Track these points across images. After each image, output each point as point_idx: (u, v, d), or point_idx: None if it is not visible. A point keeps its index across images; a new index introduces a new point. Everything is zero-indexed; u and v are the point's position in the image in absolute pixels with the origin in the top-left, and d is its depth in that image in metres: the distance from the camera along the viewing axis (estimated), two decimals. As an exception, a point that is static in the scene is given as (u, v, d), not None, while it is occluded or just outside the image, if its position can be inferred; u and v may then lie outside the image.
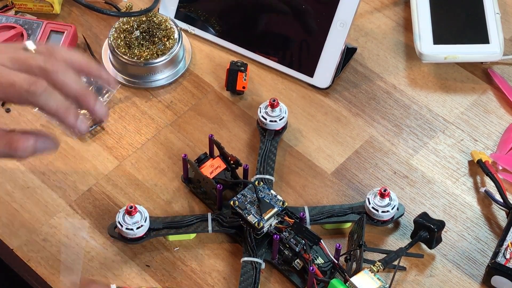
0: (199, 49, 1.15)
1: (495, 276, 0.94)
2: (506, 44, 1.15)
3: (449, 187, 1.03)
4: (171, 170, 1.03)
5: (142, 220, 0.95)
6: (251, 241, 0.94)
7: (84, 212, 0.99)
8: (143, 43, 1.09)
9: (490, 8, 1.15)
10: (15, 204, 1.00)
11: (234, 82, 1.09)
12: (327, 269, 0.94)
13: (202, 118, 1.08)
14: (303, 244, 0.93)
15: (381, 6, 1.20)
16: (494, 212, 1.01)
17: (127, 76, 1.10)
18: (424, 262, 0.97)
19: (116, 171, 1.03)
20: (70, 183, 1.02)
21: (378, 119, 1.09)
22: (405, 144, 1.07)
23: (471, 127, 1.09)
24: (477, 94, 1.12)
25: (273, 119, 1.04)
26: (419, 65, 1.14)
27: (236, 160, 0.99)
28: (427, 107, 1.10)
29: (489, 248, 0.98)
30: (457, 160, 1.06)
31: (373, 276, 0.89)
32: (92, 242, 0.97)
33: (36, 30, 1.11)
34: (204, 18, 1.15)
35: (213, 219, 0.97)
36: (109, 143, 1.05)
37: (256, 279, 0.93)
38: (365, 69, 1.14)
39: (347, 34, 1.09)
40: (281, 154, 1.05)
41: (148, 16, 1.11)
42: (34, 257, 0.96)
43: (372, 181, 1.04)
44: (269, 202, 0.95)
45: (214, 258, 0.97)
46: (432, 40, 1.12)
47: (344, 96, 1.11)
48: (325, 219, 0.98)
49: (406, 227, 1.00)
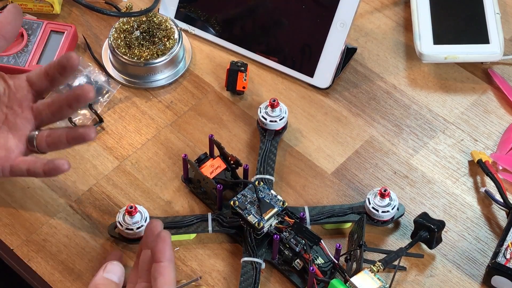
0: (199, 49, 1.15)
1: (495, 276, 0.94)
2: (506, 44, 1.15)
3: (449, 187, 1.03)
4: (171, 170, 1.03)
5: (142, 220, 0.95)
6: (251, 241, 0.94)
7: (84, 212, 0.99)
8: (143, 43, 1.09)
9: (490, 8, 1.15)
10: (15, 204, 1.00)
11: (234, 82, 1.09)
12: (327, 269, 0.94)
13: (202, 118, 1.08)
14: (303, 244, 0.93)
15: (381, 6, 1.20)
16: (494, 212, 1.01)
17: (127, 76, 1.10)
18: (424, 262, 0.97)
19: (116, 171, 1.03)
20: (70, 183, 1.02)
21: (378, 119, 1.09)
22: (405, 144, 1.07)
23: (471, 127, 1.09)
24: (477, 94, 1.12)
25: (273, 119, 1.04)
26: (419, 65, 1.14)
27: (236, 160, 0.99)
28: (427, 107, 1.10)
29: (489, 248, 0.98)
30: (457, 160, 1.06)
31: (373, 276, 0.89)
32: (92, 242, 0.97)
33: (36, 30, 1.11)
34: (204, 18, 1.15)
35: (213, 219, 0.97)
36: (109, 143, 1.05)
37: (256, 279, 0.93)
38: (365, 69, 1.14)
39: (347, 34, 1.09)
40: (281, 154, 1.05)
41: (148, 16, 1.11)
42: (34, 257, 0.96)
43: (372, 181, 1.04)
44: (269, 202, 0.95)
45: (214, 258, 0.97)
46: (432, 40, 1.12)
47: (344, 96, 1.11)
48: (325, 219, 0.98)
49: (406, 227, 1.00)
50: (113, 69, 1.11)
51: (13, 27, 0.91)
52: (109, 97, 1.09)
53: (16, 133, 0.91)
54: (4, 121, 0.91)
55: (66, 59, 0.89)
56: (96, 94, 1.08)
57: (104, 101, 1.08)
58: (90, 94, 0.87)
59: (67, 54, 0.89)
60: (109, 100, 1.09)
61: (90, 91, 0.87)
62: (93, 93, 0.87)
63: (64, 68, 0.89)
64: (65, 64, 0.89)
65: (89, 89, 0.87)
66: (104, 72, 1.11)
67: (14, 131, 0.91)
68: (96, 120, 1.07)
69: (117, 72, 1.11)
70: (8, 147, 0.90)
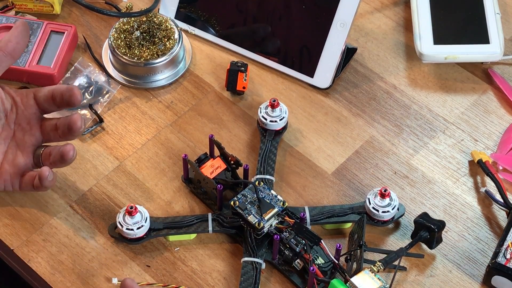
0: (199, 49, 1.15)
1: (495, 276, 0.94)
2: (506, 44, 1.15)
3: (450, 187, 1.03)
4: (172, 170, 1.03)
5: (142, 221, 0.95)
6: (251, 241, 0.94)
7: (84, 212, 0.99)
8: (143, 44, 1.09)
9: (490, 8, 1.15)
10: (15, 204, 1.00)
11: (234, 82, 1.09)
12: (327, 269, 0.94)
13: (202, 118, 1.08)
14: (303, 244, 0.93)
15: (381, 6, 1.20)
16: (495, 212, 1.01)
17: (127, 76, 1.10)
18: (425, 262, 0.97)
19: (117, 171, 1.03)
20: (71, 183, 1.02)
21: (379, 119, 1.09)
22: (406, 144, 1.07)
23: (472, 127, 1.09)
24: (477, 94, 1.12)
25: (274, 119, 1.04)
26: (419, 65, 1.14)
27: (236, 160, 0.99)
28: (428, 107, 1.10)
29: (490, 248, 0.98)
30: (457, 160, 1.06)
31: (373, 276, 0.89)
32: (92, 242, 0.97)
33: (36, 30, 1.11)
34: (204, 18, 1.15)
35: (213, 219, 0.97)
36: (109, 143, 1.05)
37: (257, 279, 0.93)
38: (365, 69, 1.14)
39: (347, 34, 1.09)
40: (281, 154, 1.05)
41: (148, 16, 1.11)
42: (34, 257, 0.96)
43: (373, 181, 1.04)
44: (270, 202, 0.95)
45: (214, 258, 0.97)
46: (432, 40, 1.12)
47: (344, 96, 1.11)
48: (326, 219, 0.98)
49: (406, 227, 1.00)
50: (113, 69, 1.11)
51: (22, 46, 0.98)
52: (109, 97, 1.09)
53: (24, 150, 0.96)
54: (12, 138, 0.94)
55: (69, 94, 0.95)
56: (96, 94, 1.08)
57: (104, 101, 1.08)
58: (77, 123, 0.95)
59: (70, 90, 0.95)
60: (109, 100, 1.09)
61: (77, 120, 0.95)
62: (80, 123, 0.95)
63: (67, 101, 0.95)
64: (68, 99, 0.95)
65: (76, 118, 0.95)
66: (104, 72, 1.11)
67: (22, 147, 0.96)
68: (96, 121, 1.07)
69: (117, 72, 1.11)
70: (16, 163, 0.95)
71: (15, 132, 0.96)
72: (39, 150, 0.96)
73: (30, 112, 0.96)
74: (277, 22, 1.12)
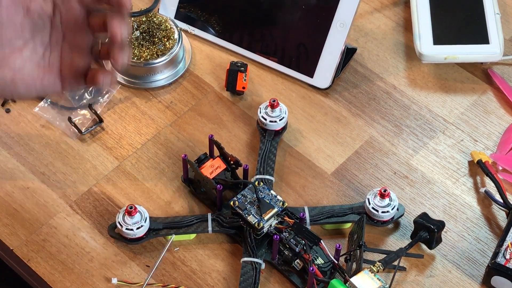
0: (199, 49, 1.15)
1: (495, 276, 0.94)
2: (506, 45, 1.15)
3: (449, 188, 1.03)
4: (171, 170, 1.03)
5: (142, 221, 0.95)
6: (251, 241, 0.94)
7: (84, 212, 0.99)
8: (143, 44, 1.09)
9: (490, 9, 1.15)
10: (15, 204, 1.00)
11: (234, 82, 1.09)
12: (327, 270, 0.94)
13: (202, 118, 1.08)
14: (303, 244, 0.93)
15: (381, 6, 1.20)
16: (494, 213, 1.01)
17: (127, 77, 1.10)
18: (424, 263, 0.97)
19: (116, 171, 1.03)
20: (70, 183, 1.02)
21: (378, 119, 1.09)
22: (405, 145, 1.07)
23: (471, 127, 1.09)
24: (477, 95, 1.12)
25: (273, 120, 1.04)
26: (419, 66, 1.14)
27: (236, 161, 0.99)
28: (427, 108, 1.10)
29: (489, 249, 0.98)
30: (457, 160, 1.06)
31: (373, 277, 0.89)
32: (92, 242, 0.97)
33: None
34: (204, 18, 1.15)
35: (213, 219, 0.97)
36: (109, 143, 1.05)
37: (256, 280, 0.93)
38: (365, 69, 1.14)
39: (347, 35, 1.09)
40: (281, 155, 1.05)
41: (148, 16, 1.11)
42: (34, 257, 0.96)
43: (372, 181, 1.04)
44: (269, 202, 0.95)
45: (214, 258, 0.97)
46: (432, 40, 1.12)
47: (344, 96, 1.11)
48: (325, 219, 0.98)
49: (406, 227, 1.00)
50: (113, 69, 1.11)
51: None
52: (109, 97, 1.09)
53: (79, 51, 0.90)
54: (64, 40, 0.90)
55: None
56: (95, 94, 1.08)
57: (104, 102, 1.08)
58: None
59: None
60: (109, 101, 1.09)
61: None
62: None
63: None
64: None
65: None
66: (104, 72, 1.10)
67: (77, 48, 0.90)
68: (96, 121, 1.07)
69: (117, 72, 1.11)
70: (75, 65, 0.90)
71: (64, 34, 0.90)
72: (96, 47, 0.92)
73: (74, 13, 0.89)
74: (277, 22, 1.12)
